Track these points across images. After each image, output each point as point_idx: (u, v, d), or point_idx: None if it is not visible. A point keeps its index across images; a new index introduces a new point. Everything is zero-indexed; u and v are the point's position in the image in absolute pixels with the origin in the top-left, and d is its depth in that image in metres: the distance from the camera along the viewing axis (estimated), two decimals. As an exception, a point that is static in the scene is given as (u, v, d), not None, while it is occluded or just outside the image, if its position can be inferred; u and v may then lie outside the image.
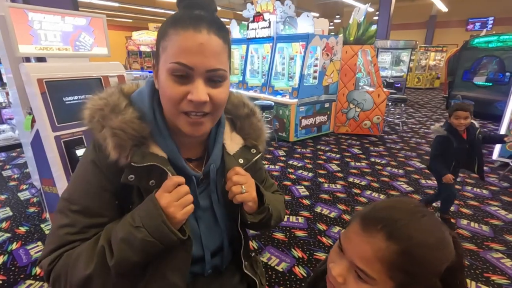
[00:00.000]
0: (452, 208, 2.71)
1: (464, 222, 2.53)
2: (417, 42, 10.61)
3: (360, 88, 5.25)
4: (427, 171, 3.67)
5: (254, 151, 0.70)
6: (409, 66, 10.64)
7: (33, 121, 1.87)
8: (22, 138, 2.52)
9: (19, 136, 3.27)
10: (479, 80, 7.15)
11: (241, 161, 0.67)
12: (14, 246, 2.11)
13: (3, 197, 2.84)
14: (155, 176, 0.57)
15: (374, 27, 5.15)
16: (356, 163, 3.91)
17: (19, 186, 3.09)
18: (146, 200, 0.55)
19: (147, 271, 0.58)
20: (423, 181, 3.39)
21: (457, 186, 3.06)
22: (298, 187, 3.17)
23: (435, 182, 3.32)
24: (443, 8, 11.99)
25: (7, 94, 3.78)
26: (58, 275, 0.53)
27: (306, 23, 4.71)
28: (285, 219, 2.52)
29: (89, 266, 0.51)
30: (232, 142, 0.69)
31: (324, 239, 2.26)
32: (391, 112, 6.93)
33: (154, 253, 0.54)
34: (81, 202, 0.55)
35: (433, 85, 13.29)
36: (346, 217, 2.58)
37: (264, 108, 4.48)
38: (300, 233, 2.33)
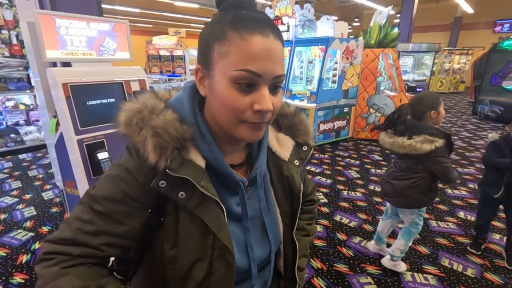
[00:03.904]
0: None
1: (497, 236, 2.37)
2: (441, 45, 10.24)
3: (381, 92, 5.10)
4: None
5: (306, 148, 0.69)
6: (432, 70, 10.28)
7: (58, 124, 1.92)
8: (47, 140, 2.60)
9: (44, 137, 3.39)
10: (509, 85, 6.77)
11: (296, 162, 0.66)
12: (37, 245, 2.17)
13: (28, 196, 2.94)
14: (187, 188, 0.52)
15: (396, 30, 5.01)
16: (377, 170, 3.77)
17: (43, 186, 3.19)
18: None
19: None
20: (449, 190, 3.22)
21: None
22: (316, 193, 3.08)
23: (462, 192, 3.16)
24: (469, 10, 11.54)
25: (35, 97, 3.93)
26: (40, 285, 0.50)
27: (326, 26, 4.64)
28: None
29: None
30: (282, 146, 0.67)
31: (344, 250, 2.17)
32: (413, 117, 6.69)
33: None
34: (105, 205, 0.52)
35: (457, 89, 12.77)
36: (367, 227, 2.48)
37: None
38: (319, 243, 2.25)
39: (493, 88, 7.00)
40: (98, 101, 1.81)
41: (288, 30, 5.05)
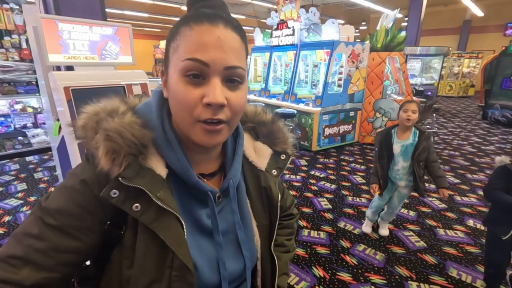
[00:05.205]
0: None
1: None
2: (450, 48, 10.09)
3: (387, 96, 5.03)
4: (462, 186, 3.40)
5: (284, 156, 0.65)
6: (441, 74, 10.13)
7: (61, 127, 1.93)
8: (51, 143, 2.62)
9: (49, 140, 3.43)
10: (521, 89, 6.63)
11: (274, 172, 0.63)
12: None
13: (33, 198, 2.97)
14: (142, 199, 0.47)
15: (403, 33, 4.95)
16: (383, 176, 3.70)
17: (48, 188, 3.22)
18: None
19: None
20: (458, 197, 3.13)
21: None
22: (320, 199, 3.04)
23: (471, 199, 3.06)
24: (479, 13, 11.35)
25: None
26: None
27: (331, 30, 4.61)
28: (306, 233, 2.41)
29: None
30: (259, 155, 0.64)
31: (347, 258, 2.11)
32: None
33: None
34: (58, 219, 0.47)
35: (467, 94, 12.54)
36: (372, 234, 2.41)
37: (286, 116, 4.40)
38: (322, 250, 2.20)
39: (504, 92, 6.85)
40: (100, 105, 1.81)
41: (293, 34, 5.04)
